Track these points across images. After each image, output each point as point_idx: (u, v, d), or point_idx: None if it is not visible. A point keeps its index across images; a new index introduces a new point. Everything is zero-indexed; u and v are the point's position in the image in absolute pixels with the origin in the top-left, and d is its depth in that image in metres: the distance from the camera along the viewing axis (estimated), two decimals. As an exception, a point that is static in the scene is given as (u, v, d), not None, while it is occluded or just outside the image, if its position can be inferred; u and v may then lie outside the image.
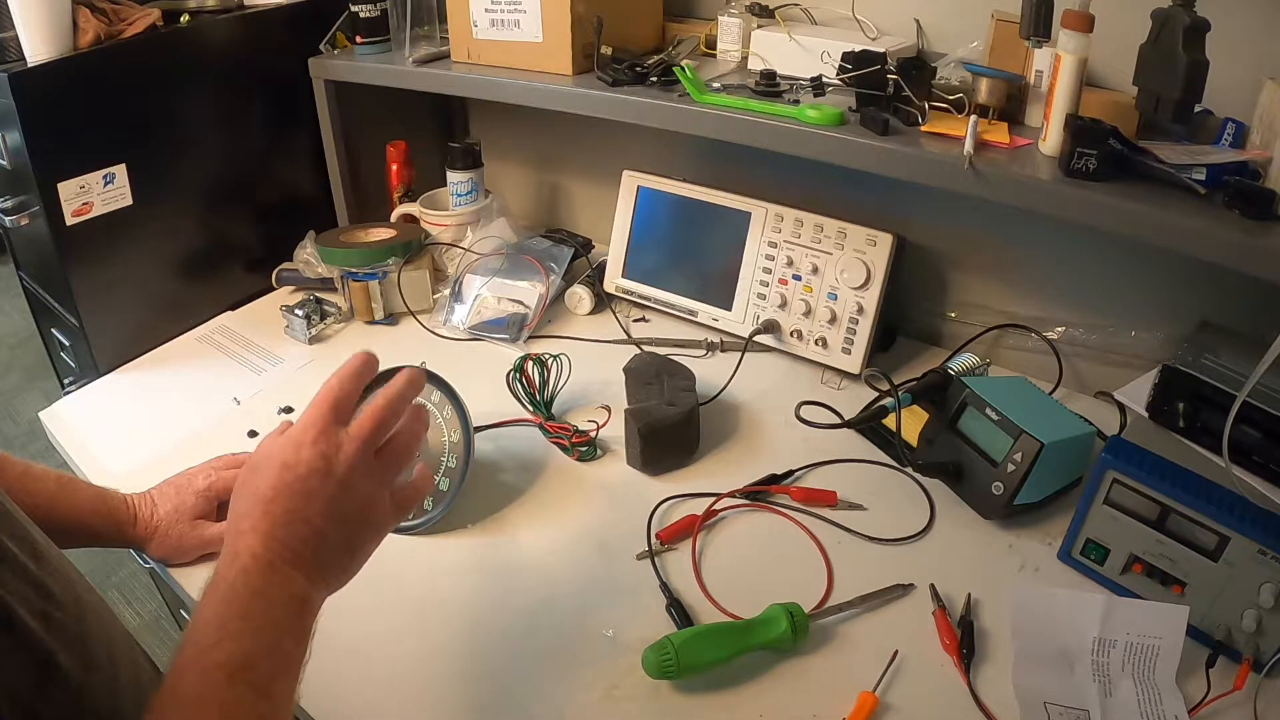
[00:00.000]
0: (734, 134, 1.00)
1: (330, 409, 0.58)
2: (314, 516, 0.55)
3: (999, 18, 0.97)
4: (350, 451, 0.57)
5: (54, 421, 1.11)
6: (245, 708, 0.48)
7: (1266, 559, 0.71)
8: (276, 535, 0.53)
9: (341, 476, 0.56)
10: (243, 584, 0.51)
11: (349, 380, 0.60)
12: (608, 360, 1.14)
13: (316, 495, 0.55)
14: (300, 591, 0.53)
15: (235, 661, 0.48)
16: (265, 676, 0.49)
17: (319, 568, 0.55)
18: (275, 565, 0.53)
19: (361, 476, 0.57)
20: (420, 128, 1.50)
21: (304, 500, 0.55)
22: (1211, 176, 0.79)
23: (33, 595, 0.45)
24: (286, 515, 0.54)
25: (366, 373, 0.61)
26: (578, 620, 0.80)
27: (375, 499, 0.58)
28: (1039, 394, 0.96)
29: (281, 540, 0.53)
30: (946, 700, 0.72)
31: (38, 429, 1.15)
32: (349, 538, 0.57)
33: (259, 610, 0.51)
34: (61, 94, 1.05)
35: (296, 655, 0.53)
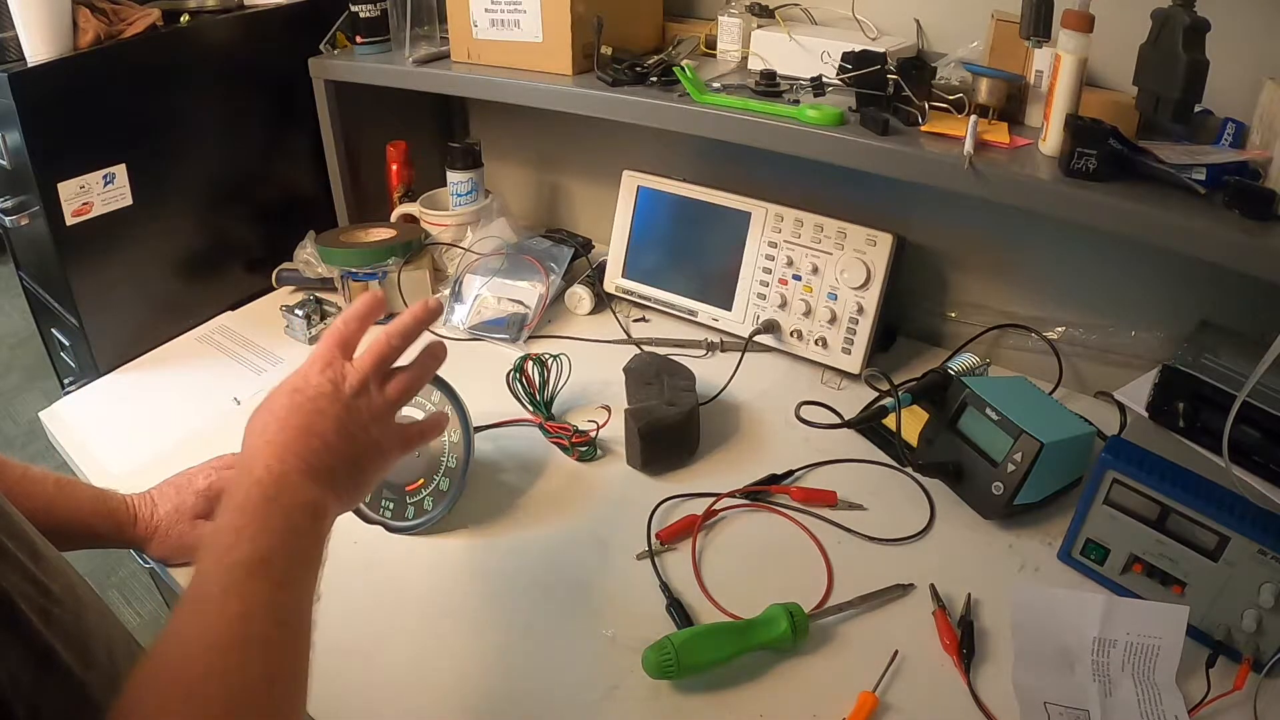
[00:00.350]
0: (734, 134, 1.00)
1: (336, 344, 0.62)
2: (325, 432, 0.58)
3: (999, 18, 0.97)
4: (355, 380, 0.61)
5: (54, 421, 1.11)
6: (266, 598, 0.50)
7: (1266, 559, 0.71)
8: (291, 448, 0.56)
9: (347, 400, 0.60)
10: (258, 494, 0.54)
11: (354, 320, 0.64)
12: (608, 360, 1.14)
13: (326, 413, 0.59)
14: (314, 499, 0.56)
15: (254, 559, 0.50)
16: (283, 571, 0.52)
17: (330, 479, 0.58)
18: (289, 475, 0.55)
19: (365, 403, 0.61)
20: (420, 128, 1.50)
21: (315, 417, 0.58)
22: (1211, 176, 0.79)
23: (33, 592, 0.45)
24: (299, 430, 0.57)
25: (372, 313, 0.64)
26: (578, 620, 0.80)
27: (380, 424, 0.62)
28: (1039, 394, 0.96)
29: (296, 453, 0.56)
30: (946, 700, 0.72)
31: (38, 429, 1.15)
32: (357, 456, 0.60)
33: (274, 514, 0.53)
34: (61, 94, 1.05)
35: (314, 555, 0.55)
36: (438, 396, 0.92)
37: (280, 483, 0.55)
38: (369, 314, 0.64)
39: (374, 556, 0.87)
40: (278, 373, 1.17)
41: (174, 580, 0.85)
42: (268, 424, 0.58)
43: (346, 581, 0.84)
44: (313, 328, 1.23)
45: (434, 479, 0.90)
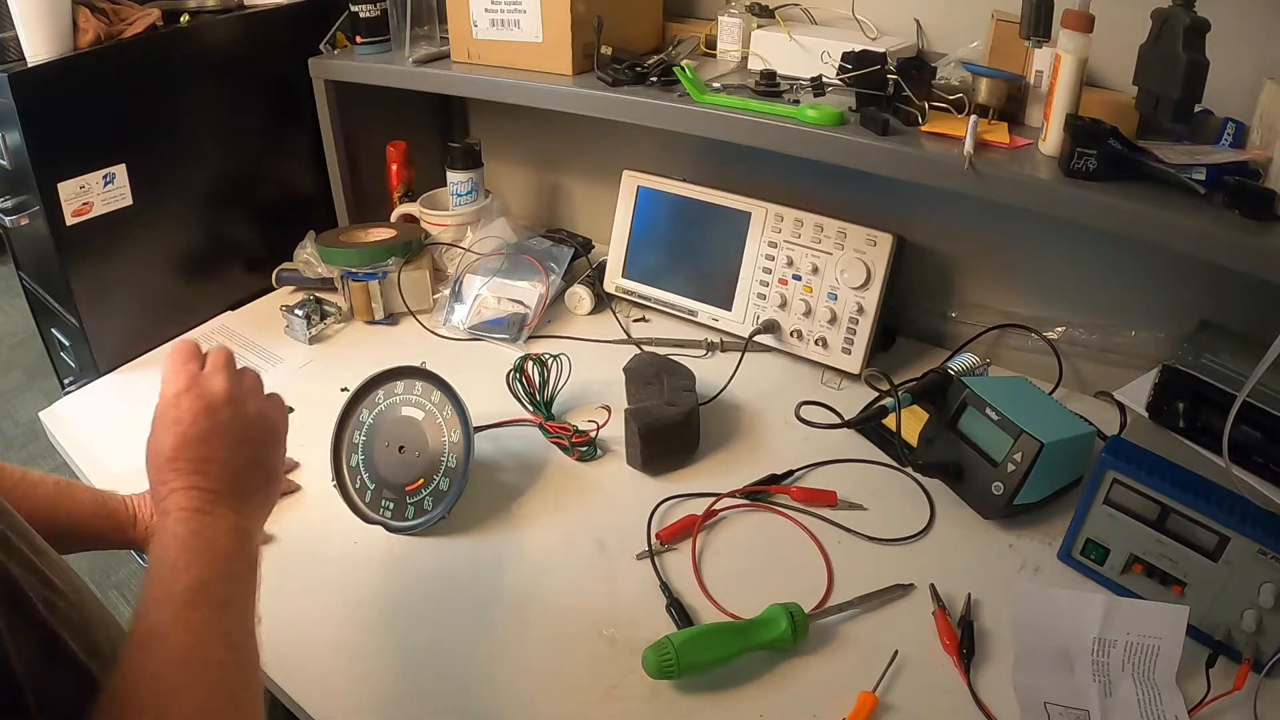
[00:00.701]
0: (734, 134, 1.00)
1: (184, 360, 0.63)
2: (216, 451, 0.59)
3: (999, 18, 0.97)
4: (220, 381, 0.62)
5: (54, 421, 1.11)
6: (208, 624, 0.51)
7: (1266, 559, 0.71)
8: (194, 484, 0.57)
9: (226, 406, 0.61)
10: (182, 529, 0.55)
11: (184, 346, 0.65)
12: (608, 360, 1.14)
13: (210, 432, 0.59)
14: (234, 523, 0.57)
15: (191, 588, 0.51)
16: (222, 595, 0.53)
17: (244, 494, 0.59)
18: (204, 509, 0.56)
19: (242, 398, 0.62)
20: (420, 128, 1.50)
21: (201, 444, 0.58)
22: (1211, 176, 0.79)
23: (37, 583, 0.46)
24: (193, 463, 0.57)
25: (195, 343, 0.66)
26: (578, 620, 0.80)
27: (262, 410, 0.64)
28: (1039, 394, 0.96)
29: (199, 486, 0.57)
30: (946, 700, 0.72)
31: (38, 429, 1.15)
32: (255, 455, 0.61)
33: (201, 545, 0.54)
34: (61, 94, 1.05)
35: (248, 577, 0.57)
36: (438, 396, 0.92)
37: (197, 521, 0.55)
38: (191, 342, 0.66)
39: (374, 556, 0.87)
40: (278, 373, 1.17)
41: (174, 580, 0.85)
42: (162, 465, 0.58)
43: (347, 581, 0.85)
44: (312, 327, 1.23)
45: (434, 479, 0.90)
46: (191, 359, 0.63)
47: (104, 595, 1.98)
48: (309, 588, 0.83)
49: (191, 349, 0.64)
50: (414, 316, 1.27)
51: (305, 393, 1.11)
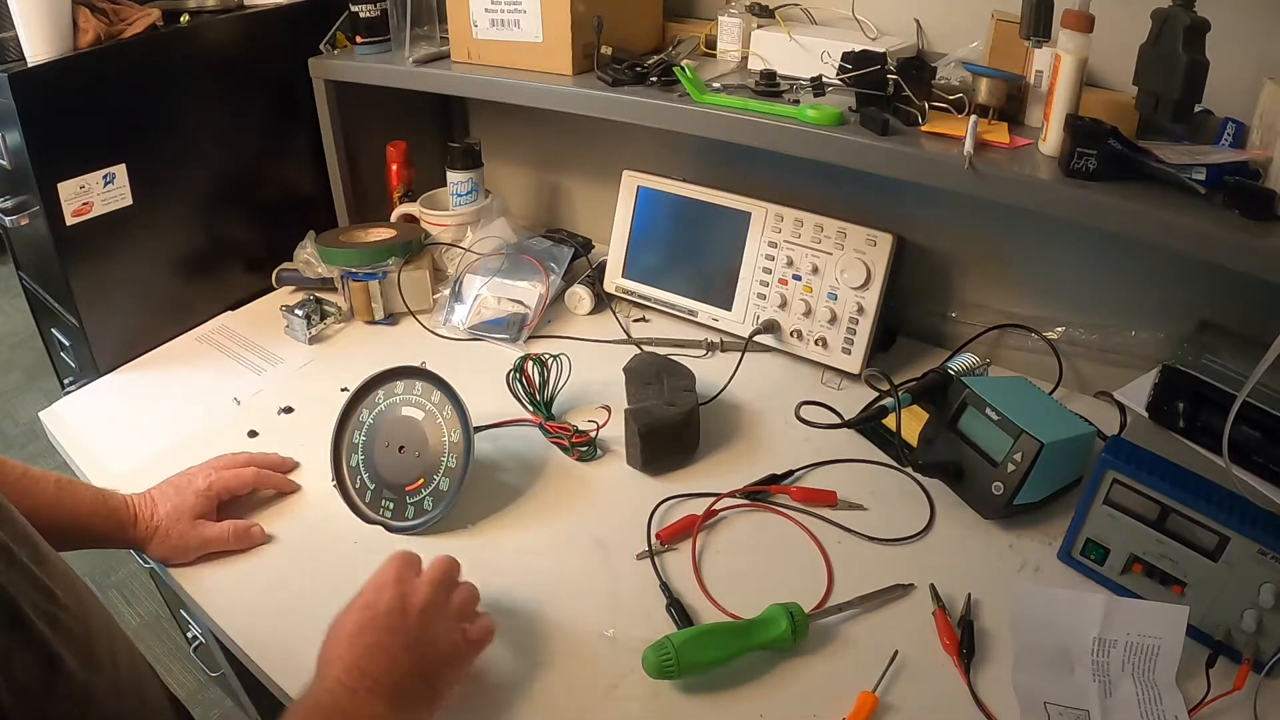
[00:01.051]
0: (734, 134, 1.00)
1: (403, 563, 0.68)
2: (394, 648, 0.62)
3: (999, 18, 0.97)
4: (425, 593, 0.66)
5: (54, 421, 1.11)
6: None
7: (1266, 559, 0.71)
8: (359, 665, 0.60)
9: (418, 615, 0.65)
10: (329, 701, 0.58)
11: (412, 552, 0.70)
12: (608, 360, 1.14)
13: (397, 630, 0.63)
14: (379, 715, 0.59)
15: None
16: None
17: (399, 695, 0.61)
18: (358, 691, 0.59)
19: (436, 614, 0.66)
20: (420, 128, 1.50)
21: (385, 634, 0.62)
22: (1211, 176, 0.79)
23: (38, 597, 0.45)
24: (368, 648, 0.61)
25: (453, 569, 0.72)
26: (578, 620, 0.80)
27: (450, 634, 0.67)
28: (1039, 394, 0.96)
29: (363, 669, 0.60)
30: (946, 700, 0.72)
31: (38, 429, 1.15)
32: (426, 669, 0.64)
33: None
34: (61, 94, 1.05)
35: None
36: (438, 396, 0.92)
37: (350, 697, 0.59)
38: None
39: (374, 556, 0.86)
40: (277, 373, 1.17)
41: (174, 581, 0.85)
42: (339, 638, 0.62)
43: (347, 581, 0.84)
44: (312, 328, 1.23)
45: (434, 479, 0.90)
46: (412, 565, 0.68)
47: (104, 595, 1.98)
48: (309, 588, 0.83)
49: (416, 559, 0.69)
50: (414, 316, 1.27)
51: (305, 393, 1.12)
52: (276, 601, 0.82)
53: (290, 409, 1.09)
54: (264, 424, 1.06)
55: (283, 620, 0.80)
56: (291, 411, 1.09)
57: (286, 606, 0.81)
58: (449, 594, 0.69)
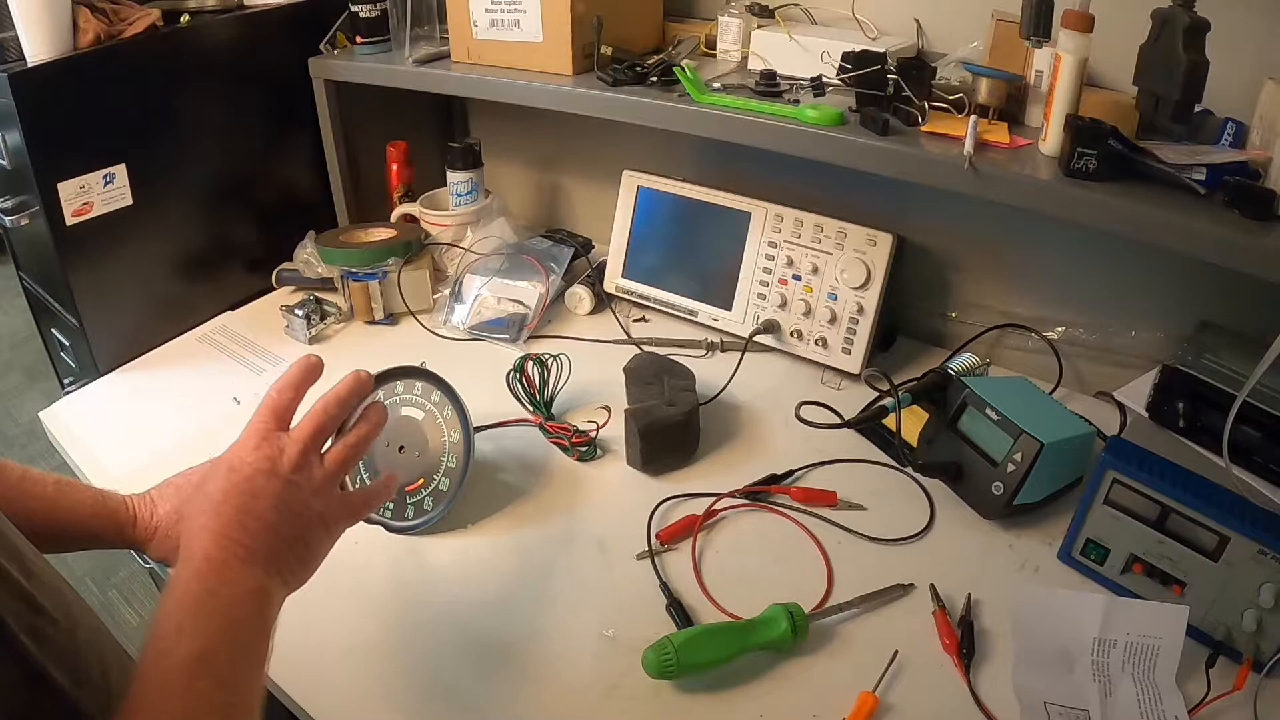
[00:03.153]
0: (734, 134, 1.00)
1: (270, 415, 0.60)
2: (264, 512, 0.56)
3: (999, 18, 0.97)
4: (293, 453, 0.59)
5: (54, 421, 1.11)
6: (207, 700, 0.48)
7: (1266, 559, 0.71)
8: (229, 534, 0.54)
9: (286, 476, 0.58)
10: (198, 584, 0.52)
11: (287, 389, 0.61)
12: (608, 360, 1.14)
13: (264, 493, 0.56)
14: (256, 586, 0.54)
15: (194, 657, 0.49)
16: (226, 668, 0.50)
17: (274, 561, 0.56)
18: (229, 563, 0.53)
19: (305, 477, 0.59)
20: (420, 128, 1.50)
21: (252, 498, 0.56)
22: (1211, 176, 0.79)
23: (24, 610, 0.45)
24: (237, 513, 0.55)
25: (306, 380, 0.62)
26: (578, 620, 0.80)
27: (323, 496, 0.60)
28: (1039, 394, 0.96)
29: (234, 538, 0.54)
30: (946, 700, 0.72)
31: (38, 429, 1.15)
32: (300, 532, 0.58)
33: (215, 608, 0.52)
34: (61, 94, 1.05)
35: (259, 648, 0.53)
36: (438, 396, 0.92)
37: (220, 573, 0.53)
38: (303, 381, 0.62)
39: (374, 556, 0.87)
40: (277, 373, 1.16)
41: (174, 580, 0.85)
42: (204, 507, 0.56)
43: (346, 581, 0.85)
44: (312, 328, 1.23)
45: (434, 479, 0.90)
46: (278, 417, 0.61)
47: (104, 595, 1.98)
48: (308, 587, 0.83)
49: (284, 408, 0.61)
50: (414, 316, 1.27)
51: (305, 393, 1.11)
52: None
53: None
54: (264, 424, 1.06)
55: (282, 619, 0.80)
56: None
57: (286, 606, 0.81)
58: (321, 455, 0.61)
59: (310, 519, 0.59)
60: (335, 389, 0.63)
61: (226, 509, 0.55)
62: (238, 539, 0.54)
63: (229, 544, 0.54)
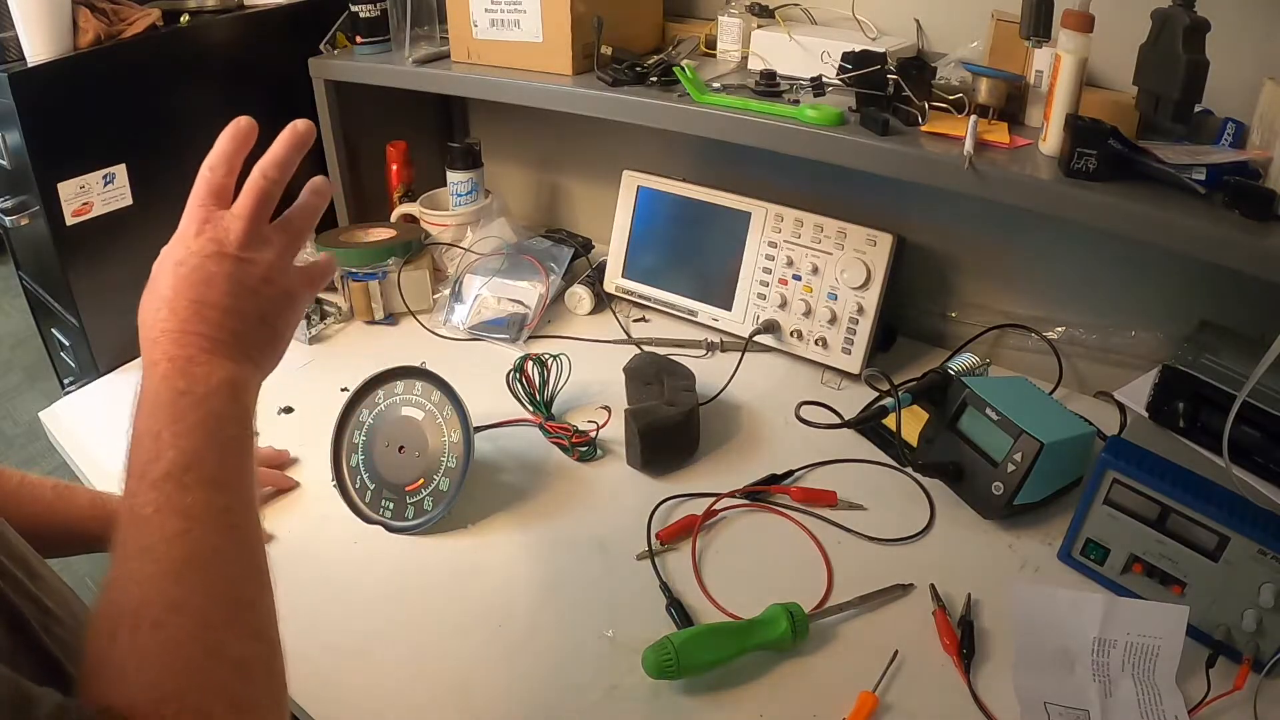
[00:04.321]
0: (734, 134, 1.00)
1: (208, 195, 0.55)
2: (220, 298, 0.52)
3: (999, 18, 0.97)
4: (239, 229, 0.54)
5: (54, 421, 1.11)
6: (205, 506, 0.46)
7: (1266, 559, 0.71)
8: (187, 330, 0.50)
9: (236, 254, 0.53)
10: (166, 389, 0.49)
11: (220, 163, 0.56)
12: (608, 360, 1.14)
13: (216, 276, 0.52)
14: (229, 375, 0.51)
15: (180, 466, 0.46)
16: (215, 470, 0.48)
17: (240, 346, 0.52)
18: (195, 358, 0.50)
19: (257, 249, 0.55)
20: (420, 128, 1.50)
21: (205, 287, 0.52)
22: (1211, 176, 0.79)
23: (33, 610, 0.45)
24: (191, 306, 0.51)
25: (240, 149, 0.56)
26: (578, 620, 0.80)
27: (279, 268, 0.56)
28: (1039, 394, 0.96)
29: (194, 332, 0.51)
30: (946, 700, 0.72)
31: (38, 429, 1.15)
32: (262, 310, 0.54)
33: (189, 408, 0.48)
34: (61, 94, 1.05)
35: (244, 439, 0.51)
36: (438, 396, 0.92)
37: (187, 371, 0.49)
38: (237, 151, 0.56)
39: (374, 556, 0.87)
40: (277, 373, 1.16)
41: (174, 580, 0.85)
42: (158, 308, 0.51)
43: (346, 581, 0.85)
44: (312, 328, 1.23)
45: (434, 479, 0.90)
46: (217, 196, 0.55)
47: (104, 595, 1.98)
48: (308, 587, 0.83)
49: (221, 186, 0.55)
50: (414, 316, 1.27)
51: (305, 393, 1.11)
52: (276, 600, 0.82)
53: (290, 409, 1.09)
54: (264, 424, 1.06)
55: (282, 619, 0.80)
56: (291, 411, 1.09)
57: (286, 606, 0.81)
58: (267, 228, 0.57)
59: (271, 295, 0.55)
60: (272, 150, 0.57)
61: (180, 304, 0.51)
62: (199, 331, 0.51)
63: (191, 339, 0.50)
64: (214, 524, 0.46)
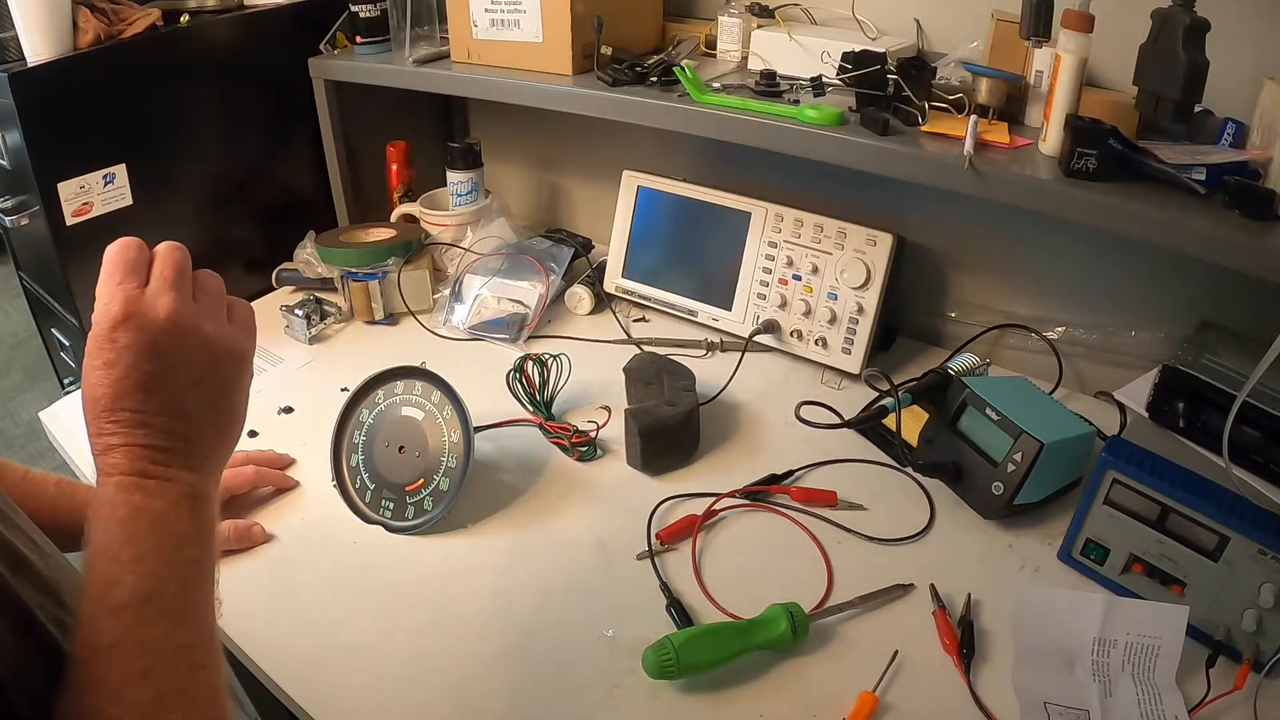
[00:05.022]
0: (734, 134, 1.00)
1: (124, 273, 0.51)
2: (164, 399, 0.48)
3: (999, 18, 0.97)
4: (166, 304, 0.49)
5: (54, 421, 1.11)
6: (164, 639, 0.44)
7: (1266, 559, 0.71)
8: (135, 440, 0.47)
9: (170, 337, 0.49)
10: (122, 504, 0.46)
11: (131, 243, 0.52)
12: (608, 360, 1.14)
13: (155, 376, 0.47)
14: (186, 489, 0.48)
15: (140, 596, 0.44)
16: (176, 599, 0.45)
17: (196, 450, 0.49)
18: (148, 473, 0.47)
19: (193, 320, 0.50)
20: (420, 128, 1.50)
21: (144, 391, 0.47)
22: (1211, 176, 0.79)
23: (48, 604, 0.45)
24: (135, 415, 0.47)
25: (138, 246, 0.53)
26: (578, 620, 0.80)
27: (219, 334, 0.52)
28: (1039, 394, 0.96)
29: (142, 443, 0.47)
30: (946, 700, 0.72)
31: (38, 429, 1.15)
32: (212, 396, 0.50)
33: (147, 529, 0.45)
34: (61, 94, 1.05)
35: (205, 560, 0.48)
36: (438, 396, 0.92)
37: (141, 492, 0.46)
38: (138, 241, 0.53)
39: (374, 556, 0.87)
40: (277, 373, 1.17)
41: (174, 580, 0.85)
42: (97, 416, 0.47)
43: (346, 581, 0.85)
44: (312, 328, 1.23)
45: (434, 479, 0.90)
46: (132, 274, 0.50)
47: (104, 595, 1.98)
48: (308, 588, 0.83)
49: (132, 260, 0.51)
50: (414, 316, 1.27)
51: (305, 393, 1.12)
52: (276, 601, 0.82)
53: (290, 409, 1.09)
54: (264, 424, 1.06)
55: (282, 619, 0.80)
56: (291, 411, 1.09)
57: (286, 606, 0.81)
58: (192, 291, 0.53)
59: (216, 367, 0.51)
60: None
61: (122, 414, 0.47)
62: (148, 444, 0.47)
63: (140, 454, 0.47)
64: (176, 664, 0.44)
